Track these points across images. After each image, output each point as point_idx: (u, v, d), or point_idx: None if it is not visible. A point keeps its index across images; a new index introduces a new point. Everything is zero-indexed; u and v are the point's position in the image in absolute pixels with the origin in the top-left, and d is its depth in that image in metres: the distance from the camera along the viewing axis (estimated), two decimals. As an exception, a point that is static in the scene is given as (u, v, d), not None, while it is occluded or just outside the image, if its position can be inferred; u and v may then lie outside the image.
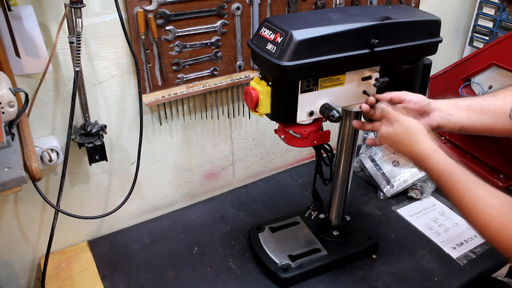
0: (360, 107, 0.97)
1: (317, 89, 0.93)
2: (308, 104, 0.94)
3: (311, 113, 0.95)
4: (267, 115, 0.94)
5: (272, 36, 0.86)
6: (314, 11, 1.30)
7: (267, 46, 0.87)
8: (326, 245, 1.23)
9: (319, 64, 0.86)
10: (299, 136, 0.96)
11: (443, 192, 0.82)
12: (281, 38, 0.84)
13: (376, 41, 0.89)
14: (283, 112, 0.93)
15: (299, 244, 1.24)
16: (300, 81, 0.90)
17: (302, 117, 0.94)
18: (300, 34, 0.83)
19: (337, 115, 0.92)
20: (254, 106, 0.93)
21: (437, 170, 0.79)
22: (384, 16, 0.92)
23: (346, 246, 1.24)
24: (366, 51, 0.90)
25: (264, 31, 0.89)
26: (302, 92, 0.91)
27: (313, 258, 1.19)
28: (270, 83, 0.90)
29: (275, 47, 0.84)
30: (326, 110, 0.93)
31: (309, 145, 1.00)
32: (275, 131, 1.03)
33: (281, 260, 1.17)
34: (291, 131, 0.96)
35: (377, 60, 0.95)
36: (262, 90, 0.90)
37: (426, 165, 0.82)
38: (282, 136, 1.00)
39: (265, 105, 0.92)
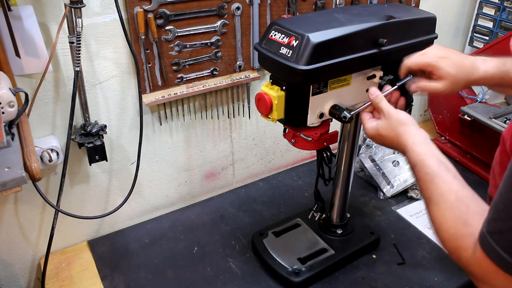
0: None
1: (327, 91, 0.93)
2: (319, 106, 0.94)
3: (321, 115, 0.95)
4: (280, 120, 0.94)
5: (286, 40, 0.85)
6: (319, 12, 1.30)
7: (280, 50, 0.86)
8: (331, 244, 1.24)
9: (335, 65, 0.86)
10: (311, 139, 0.96)
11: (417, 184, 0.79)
12: (297, 41, 0.83)
13: (385, 40, 0.89)
14: (295, 116, 0.93)
15: (305, 246, 1.24)
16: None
17: (312, 119, 0.94)
18: (316, 37, 0.82)
19: (349, 115, 0.91)
20: (268, 112, 0.92)
21: (413, 161, 0.77)
22: (388, 15, 0.92)
23: (350, 243, 1.25)
24: (375, 50, 0.90)
25: (275, 35, 0.88)
26: (313, 94, 0.91)
27: (322, 258, 1.20)
28: (284, 87, 0.90)
29: (291, 51, 0.84)
30: (337, 112, 0.93)
31: (320, 147, 1.01)
32: (284, 135, 1.02)
33: (291, 265, 1.17)
34: (302, 135, 0.96)
35: (383, 59, 0.95)
36: (276, 95, 0.90)
37: (406, 156, 0.80)
38: (293, 140, 0.99)
39: (280, 110, 0.91)
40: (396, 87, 0.92)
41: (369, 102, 0.89)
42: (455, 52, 0.88)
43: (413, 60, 0.88)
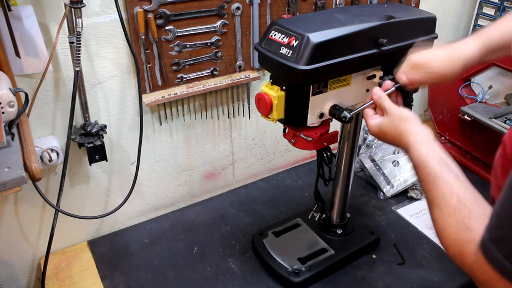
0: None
1: (327, 91, 0.93)
2: (319, 106, 0.94)
3: (321, 115, 0.95)
4: (280, 120, 0.94)
5: (286, 40, 0.85)
6: (319, 12, 1.30)
7: (280, 50, 0.86)
8: (331, 244, 1.24)
9: (335, 65, 0.86)
10: (311, 139, 0.96)
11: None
12: (297, 41, 0.83)
13: (385, 40, 0.89)
14: (295, 116, 0.93)
15: (305, 246, 1.24)
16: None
17: (312, 119, 0.94)
18: (316, 37, 0.82)
19: (349, 115, 0.91)
20: (268, 112, 0.92)
21: (415, 161, 0.76)
22: (388, 15, 0.92)
23: (350, 243, 1.25)
24: (375, 50, 0.90)
25: (275, 35, 0.88)
26: (313, 94, 0.91)
27: (322, 258, 1.20)
28: (284, 87, 0.90)
29: (291, 51, 0.84)
30: (337, 112, 0.93)
31: (320, 147, 1.01)
32: (284, 135, 1.02)
33: (291, 265, 1.17)
34: (302, 135, 0.96)
35: (383, 59, 0.95)
36: (276, 95, 0.90)
37: (408, 155, 0.80)
38: (293, 140, 0.99)
39: (280, 110, 0.91)
40: (394, 88, 0.92)
41: (371, 101, 0.89)
42: (444, 47, 0.89)
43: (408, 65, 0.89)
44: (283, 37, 0.86)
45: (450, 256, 0.66)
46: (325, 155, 1.14)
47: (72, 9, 0.95)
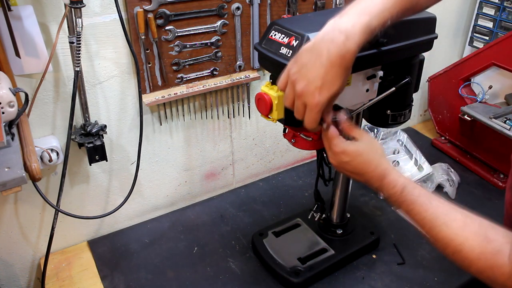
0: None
1: None
2: None
3: None
4: (280, 120, 0.94)
5: (286, 40, 0.85)
6: (319, 12, 1.30)
7: (280, 50, 0.86)
8: (331, 244, 1.24)
9: None
10: (311, 139, 0.96)
11: (402, 208, 0.76)
12: (297, 41, 0.83)
13: (385, 40, 0.89)
14: (295, 116, 0.93)
15: (305, 246, 1.24)
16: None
17: None
18: None
19: (349, 115, 0.91)
20: (268, 112, 0.92)
21: (401, 184, 0.74)
22: None
23: (350, 243, 1.24)
24: (375, 50, 0.90)
25: (275, 35, 0.88)
26: None
27: (322, 258, 1.20)
28: None
29: (291, 51, 0.84)
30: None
31: (320, 147, 1.00)
32: (284, 135, 1.02)
33: (291, 265, 1.17)
34: (302, 135, 0.96)
35: (383, 59, 0.95)
36: (276, 95, 0.89)
37: (386, 182, 0.78)
38: (293, 140, 0.99)
39: (280, 110, 0.91)
40: (394, 88, 0.92)
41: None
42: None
43: None
44: (283, 37, 0.86)
45: (474, 272, 0.63)
46: (325, 155, 1.14)
47: (72, 9, 0.95)
